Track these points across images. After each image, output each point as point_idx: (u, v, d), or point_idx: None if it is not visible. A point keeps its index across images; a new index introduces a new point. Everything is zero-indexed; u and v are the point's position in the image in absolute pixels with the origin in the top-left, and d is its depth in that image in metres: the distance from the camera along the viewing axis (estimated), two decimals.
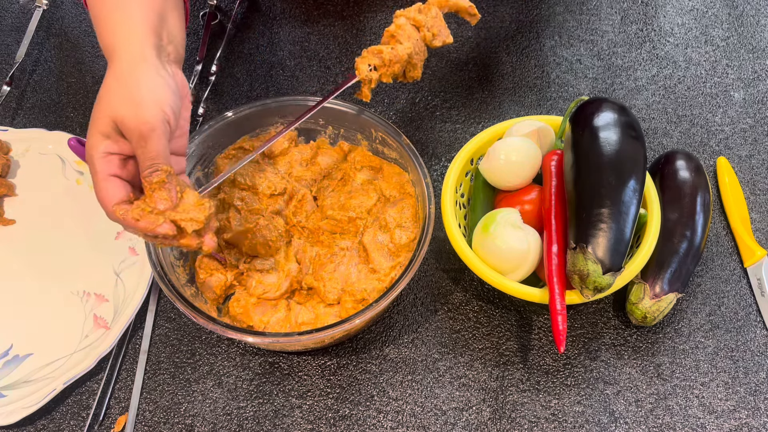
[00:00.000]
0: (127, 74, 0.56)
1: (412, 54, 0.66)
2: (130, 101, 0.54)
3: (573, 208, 0.63)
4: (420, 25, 0.67)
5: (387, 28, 0.67)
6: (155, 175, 0.54)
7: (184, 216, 0.56)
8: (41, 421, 0.67)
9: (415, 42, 0.67)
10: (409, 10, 0.67)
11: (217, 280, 0.69)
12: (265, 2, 0.94)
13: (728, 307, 0.70)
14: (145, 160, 0.54)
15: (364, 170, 0.75)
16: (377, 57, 0.66)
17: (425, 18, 0.67)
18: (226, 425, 0.66)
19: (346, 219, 0.72)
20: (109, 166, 0.55)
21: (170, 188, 0.55)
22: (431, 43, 0.68)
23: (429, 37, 0.67)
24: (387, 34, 0.67)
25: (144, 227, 0.55)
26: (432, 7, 0.68)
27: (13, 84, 0.88)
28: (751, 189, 0.77)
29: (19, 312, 0.72)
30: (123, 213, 0.55)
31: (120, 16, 0.58)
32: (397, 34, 0.66)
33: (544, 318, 0.70)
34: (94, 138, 0.55)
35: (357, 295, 0.67)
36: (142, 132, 0.54)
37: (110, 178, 0.55)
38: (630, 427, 0.64)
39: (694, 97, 0.84)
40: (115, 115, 0.54)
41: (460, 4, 0.69)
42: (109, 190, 0.55)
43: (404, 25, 0.66)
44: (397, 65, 0.66)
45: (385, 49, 0.66)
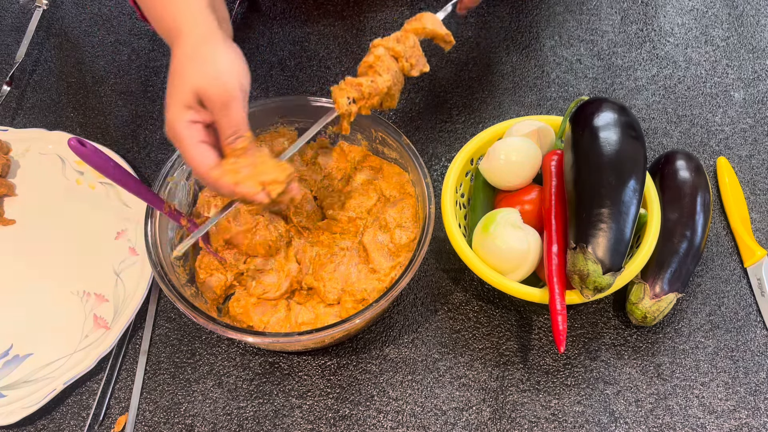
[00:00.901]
0: (201, 49, 0.58)
1: (391, 86, 0.64)
2: (210, 73, 0.56)
3: (573, 208, 0.63)
4: (399, 55, 0.64)
5: (365, 58, 0.64)
6: (238, 141, 0.57)
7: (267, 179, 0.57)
8: (41, 421, 0.67)
9: (394, 73, 0.64)
10: (387, 40, 0.65)
11: (217, 280, 0.69)
12: (265, 2, 0.94)
13: (728, 307, 0.70)
14: (228, 127, 0.57)
15: (364, 170, 0.75)
16: (356, 90, 0.63)
17: (404, 48, 0.65)
18: (226, 425, 0.66)
19: (346, 219, 0.72)
20: (196, 134, 0.57)
21: (252, 154, 0.58)
22: (409, 72, 0.66)
23: (407, 67, 0.65)
24: (365, 65, 0.64)
25: (244, 193, 0.57)
26: (410, 36, 0.65)
27: (13, 84, 0.88)
28: (751, 189, 0.77)
29: (19, 312, 0.72)
30: (218, 177, 0.57)
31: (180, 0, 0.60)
32: (375, 65, 0.64)
33: (544, 318, 0.70)
34: (176, 109, 0.57)
35: (357, 295, 0.67)
36: (224, 101, 0.56)
37: (200, 144, 0.57)
38: (630, 427, 0.64)
39: (694, 97, 0.84)
40: (197, 87, 0.56)
41: (437, 31, 0.66)
42: (203, 155, 0.57)
43: (383, 56, 0.64)
44: (376, 98, 0.64)
45: (365, 82, 0.63)
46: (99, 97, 0.87)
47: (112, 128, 0.85)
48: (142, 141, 0.83)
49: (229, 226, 0.70)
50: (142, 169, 0.81)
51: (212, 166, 0.57)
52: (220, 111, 0.56)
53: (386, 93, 0.64)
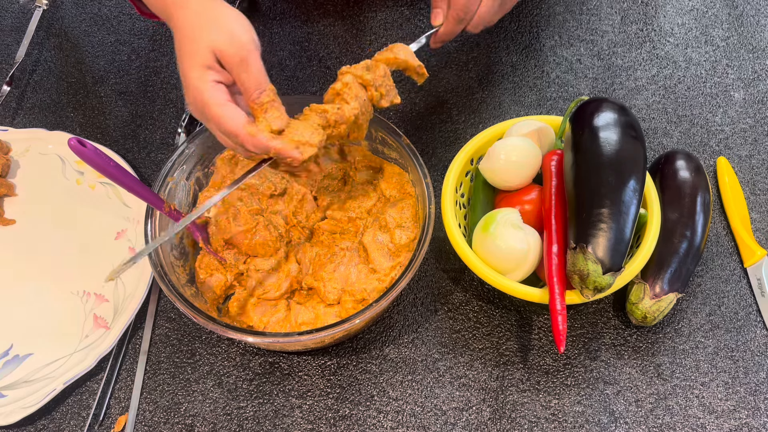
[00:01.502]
0: (208, 13, 0.58)
1: (359, 114, 0.62)
2: (224, 32, 0.57)
3: (573, 208, 0.63)
4: (368, 84, 0.62)
5: (332, 85, 0.62)
6: (264, 94, 0.57)
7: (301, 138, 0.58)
8: (41, 421, 0.67)
9: (362, 102, 0.62)
10: (356, 68, 0.63)
11: (217, 280, 0.69)
12: (265, 2, 0.94)
13: (728, 307, 0.70)
14: (251, 82, 0.57)
15: (364, 170, 0.75)
16: (321, 117, 0.61)
17: (373, 76, 0.63)
18: (226, 425, 0.66)
19: (346, 219, 0.72)
20: (222, 94, 0.57)
21: (279, 106, 0.58)
22: (379, 103, 0.64)
23: (377, 96, 0.63)
24: (332, 92, 0.62)
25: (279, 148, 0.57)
26: (380, 65, 0.63)
27: (13, 84, 0.88)
28: (751, 189, 0.77)
29: (19, 312, 0.72)
30: (254, 133, 0.56)
31: None
32: (343, 92, 0.61)
33: (544, 318, 0.70)
34: (197, 71, 0.57)
35: (357, 295, 0.67)
36: (243, 56, 0.56)
37: (229, 104, 0.57)
38: (630, 427, 0.64)
39: (694, 97, 0.84)
40: (213, 46, 0.56)
41: (409, 62, 0.65)
42: (235, 112, 0.57)
43: (351, 83, 0.62)
44: (342, 126, 0.61)
45: (331, 109, 0.60)
46: (99, 97, 0.87)
47: (112, 128, 0.85)
48: (142, 141, 0.83)
49: (229, 226, 0.70)
50: (142, 169, 0.81)
51: (245, 123, 0.57)
52: (240, 67, 0.57)
53: (354, 122, 0.62)
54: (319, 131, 0.59)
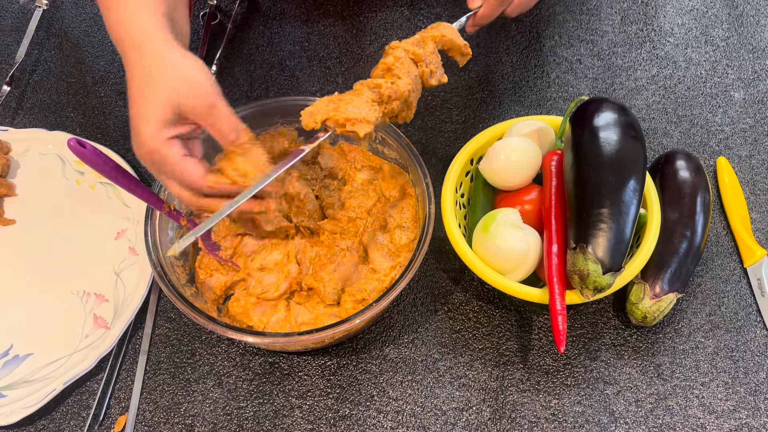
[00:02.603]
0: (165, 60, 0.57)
1: (411, 91, 0.59)
2: (185, 81, 0.56)
3: (573, 208, 0.63)
4: (419, 59, 0.60)
5: (382, 59, 0.60)
6: (243, 133, 0.57)
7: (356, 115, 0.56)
8: (41, 421, 0.67)
9: (414, 78, 0.59)
10: (406, 42, 0.60)
11: (217, 280, 0.69)
12: (265, 2, 0.94)
13: (728, 307, 0.70)
14: (224, 127, 0.57)
15: (364, 170, 0.75)
16: (374, 92, 0.58)
17: (424, 52, 0.61)
18: (226, 425, 0.66)
19: (346, 219, 0.72)
20: (179, 149, 0.57)
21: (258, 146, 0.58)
22: (428, 81, 0.62)
23: (427, 74, 0.61)
24: (383, 67, 0.59)
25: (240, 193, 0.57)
26: (429, 42, 0.62)
27: (13, 84, 0.88)
28: (751, 189, 0.77)
29: (19, 312, 0.72)
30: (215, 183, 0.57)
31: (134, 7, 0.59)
32: (395, 67, 0.59)
33: (544, 318, 0.70)
34: (152, 127, 0.56)
35: (357, 295, 0.67)
36: (210, 103, 0.56)
37: (186, 158, 0.57)
38: (630, 427, 0.64)
39: (694, 97, 0.84)
40: (175, 100, 0.55)
41: (456, 41, 0.63)
42: (192, 168, 0.57)
43: (403, 58, 0.59)
44: (396, 103, 0.58)
45: (384, 84, 0.58)
46: (99, 97, 0.87)
47: (112, 128, 0.85)
48: None
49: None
50: (142, 169, 0.81)
51: (205, 174, 0.57)
52: (208, 115, 0.56)
53: (405, 99, 0.60)
54: (375, 107, 0.57)
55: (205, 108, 0.56)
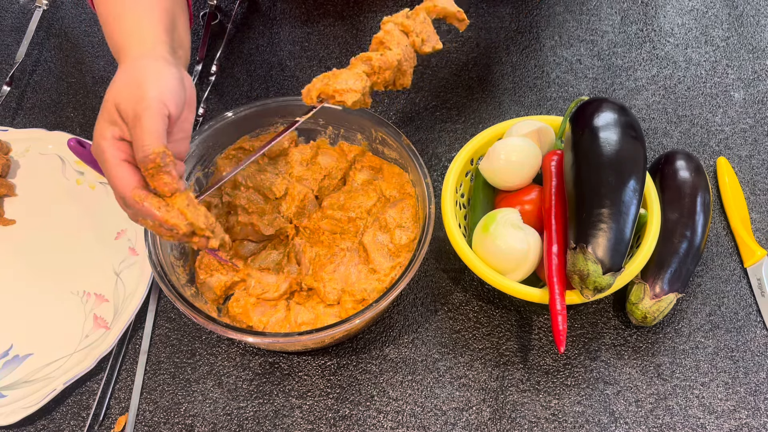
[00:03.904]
0: (134, 66, 0.56)
1: (402, 60, 0.64)
2: (131, 84, 0.54)
3: (573, 208, 0.63)
4: (408, 30, 0.65)
5: (375, 34, 0.65)
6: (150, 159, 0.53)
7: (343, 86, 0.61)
8: (41, 421, 0.67)
9: (404, 48, 0.64)
10: (396, 16, 0.65)
11: (217, 281, 0.69)
12: (265, 2, 0.94)
13: (728, 307, 0.70)
14: (138, 141, 0.52)
15: (364, 170, 0.75)
16: (366, 64, 0.63)
17: (413, 23, 0.65)
18: (226, 425, 0.66)
19: (346, 219, 0.72)
20: (119, 152, 0.54)
21: (170, 171, 0.54)
22: (420, 49, 0.66)
23: (418, 42, 0.65)
24: (375, 41, 0.65)
25: (162, 217, 0.54)
26: (420, 12, 0.66)
27: (13, 84, 0.87)
28: (751, 189, 0.77)
29: (19, 312, 0.72)
30: (141, 198, 0.54)
31: (132, 18, 0.58)
32: (385, 40, 0.64)
33: (544, 318, 0.70)
34: (100, 126, 0.55)
35: (357, 295, 0.67)
36: (137, 111, 0.52)
37: (123, 164, 0.55)
38: (630, 427, 0.64)
39: (694, 97, 0.84)
40: (116, 99, 0.54)
41: (448, 9, 0.67)
42: (124, 175, 0.54)
43: (392, 30, 0.64)
44: (387, 72, 0.63)
45: (374, 56, 0.63)
46: (99, 97, 0.87)
47: None
48: None
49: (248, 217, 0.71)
50: None
51: (135, 187, 0.54)
52: (132, 122, 0.53)
53: (398, 68, 0.64)
54: (362, 77, 0.62)
55: (132, 114, 0.53)
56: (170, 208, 0.56)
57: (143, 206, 0.54)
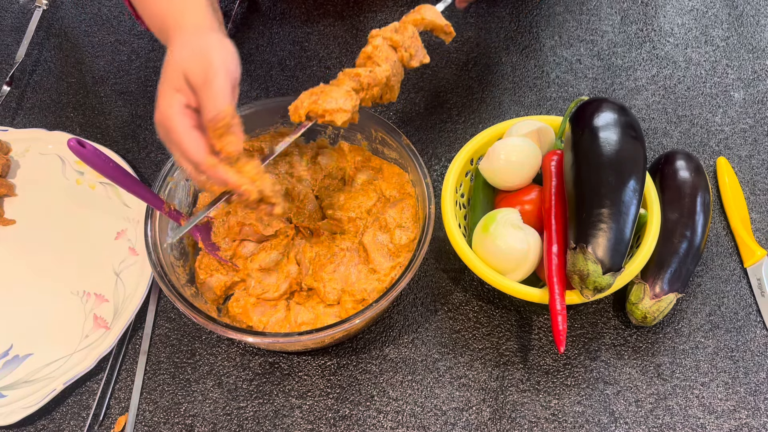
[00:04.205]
0: (196, 37, 0.58)
1: (390, 76, 0.63)
2: (197, 53, 0.56)
3: (573, 208, 0.63)
4: (397, 45, 0.64)
5: (363, 48, 0.64)
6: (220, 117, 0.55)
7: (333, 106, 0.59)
8: (41, 421, 0.67)
9: (392, 63, 0.63)
10: (385, 30, 0.64)
11: (217, 281, 0.69)
12: (265, 2, 0.94)
13: (728, 307, 0.70)
14: (209, 102, 0.55)
15: (364, 170, 0.75)
16: (355, 80, 0.62)
17: (402, 38, 0.64)
18: (226, 425, 0.66)
19: (346, 219, 0.72)
20: (188, 119, 0.56)
21: (237, 132, 0.56)
22: (408, 63, 0.65)
23: (406, 57, 0.64)
24: (363, 55, 0.64)
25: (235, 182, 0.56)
26: (408, 26, 0.65)
27: (13, 84, 0.88)
28: (751, 189, 0.77)
29: (19, 312, 0.72)
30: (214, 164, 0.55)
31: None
32: (374, 55, 0.63)
33: (544, 318, 0.70)
34: (167, 94, 0.56)
35: (357, 295, 0.67)
36: (207, 76, 0.55)
37: (193, 130, 0.56)
38: (630, 427, 0.64)
39: (694, 97, 0.84)
40: (184, 67, 0.56)
41: (436, 22, 0.66)
42: (196, 140, 0.55)
43: (381, 45, 0.63)
44: (375, 88, 0.63)
45: (363, 72, 0.62)
46: (99, 97, 0.87)
47: (112, 128, 0.85)
48: (142, 141, 0.83)
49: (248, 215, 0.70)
50: (142, 169, 0.81)
51: (207, 153, 0.55)
52: (202, 87, 0.55)
53: (386, 84, 0.64)
54: (351, 96, 0.61)
55: (201, 79, 0.55)
56: (241, 175, 0.56)
57: (216, 171, 0.55)
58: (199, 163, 0.56)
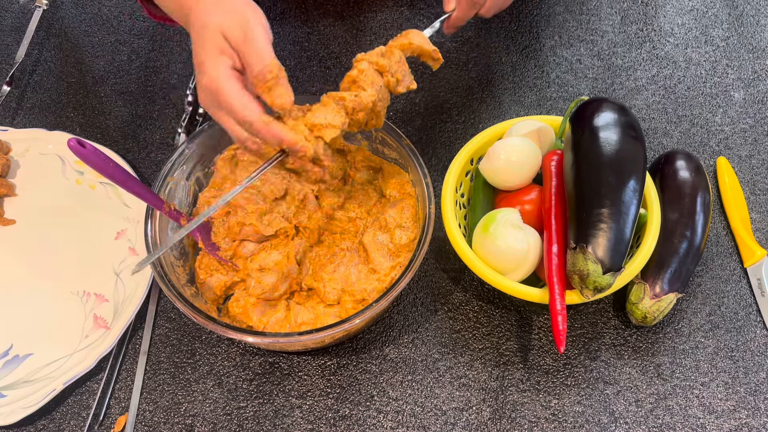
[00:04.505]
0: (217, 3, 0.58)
1: (376, 101, 0.61)
2: (231, 13, 0.57)
3: (573, 208, 0.63)
4: (384, 70, 0.62)
5: (348, 72, 0.61)
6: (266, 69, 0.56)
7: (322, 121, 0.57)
8: (41, 421, 0.67)
9: (378, 88, 0.61)
10: (371, 54, 0.62)
11: (217, 281, 0.69)
12: (265, 2, 0.94)
13: (728, 307, 0.70)
14: (254, 57, 0.56)
15: (364, 170, 0.75)
16: (339, 104, 0.60)
17: (389, 62, 0.62)
18: (226, 425, 0.66)
19: (347, 219, 0.72)
20: (237, 82, 0.57)
21: (285, 83, 0.56)
22: (395, 89, 0.63)
23: (393, 82, 0.62)
24: (348, 80, 0.61)
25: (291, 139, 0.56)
26: (395, 51, 0.63)
27: (13, 84, 0.88)
28: (751, 189, 0.77)
29: (19, 312, 0.72)
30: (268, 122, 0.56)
31: None
32: (359, 79, 0.61)
33: (544, 318, 0.70)
34: (212, 57, 0.56)
35: (357, 295, 0.67)
36: (246, 33, 0.56)
37: (244, 92, 0.56)
38: (630, 427, 0.64)
39: (694, 97, 0.84)
40: (221, 27, 0.56)
41: (423, 47, 0.64)
42: (248, 101, 0.56)
43: (367, 70, 0.61)
44: (360, 113, 0.60)
45: (348, 96, 0.60)
46: (99, 97, 0.87)
47: (112, 128, 0.85)
48: (142, 141, 0.83)
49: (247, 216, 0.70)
50: (142, 169, 0.81)
51: (261, 112, 0.56)
52: (244, 44, 0.56)
53: (371, 109, 0.62)
54: (341, 113, 0.59)
55: (242, 36, 0.56)
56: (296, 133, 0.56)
57: (271, 128, 0.56)
58: (253, 122, 0.56)
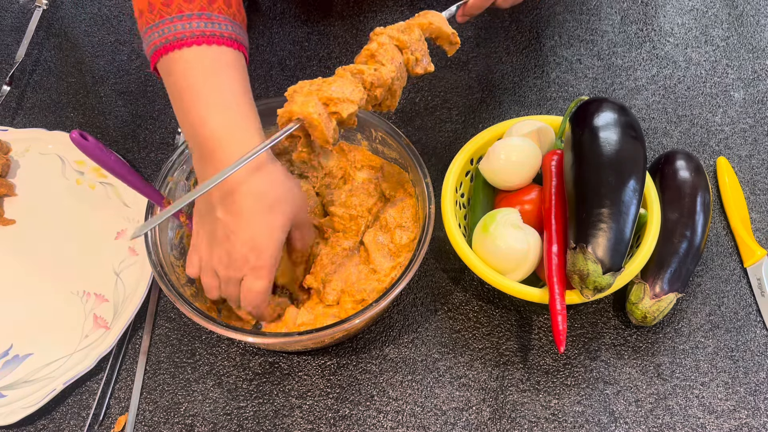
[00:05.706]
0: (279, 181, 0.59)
1: (395, 78, 0.57)
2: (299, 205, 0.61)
3: (573, 208, 0.63)
4: (404, 46, 0.58)
5: (366, 46, 0.58)
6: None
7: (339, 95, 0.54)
8: (41, 421, 0.67)
9: (398, 65, 0.57)
10: (391, 28, 0.58)
11: None
12: (265, 2, 0.94)
13: (728, 307, 0.70)
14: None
15: (364, 170, 0.75)
16: (357, 78, 0.56)
17: (409, 39, 0.58)
18: (226, 425, 0.66)
19: (348, 216, 0.72)
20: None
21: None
22: (413, 69, 0.60)
23: (412, 61, 0.59)
24: (366, 53, 0.57)
25: None
26: (415, 29, 0.60)
27: (13, 84, 0.88)
28: (751, 189, 0.77)
29: (19, 312, 0.72)
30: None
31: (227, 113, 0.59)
32: (378, 54, 0.57)
33: (544, 318, 0.70)
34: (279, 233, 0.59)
35: (357, 295, 0.67)
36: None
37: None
38: (630, 427, 0.64)
39: (694, 97, 0.84)
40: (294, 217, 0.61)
41: (443, 29, 0.61)
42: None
43: (387, 44, 0.57)
44: (379, 90, 0.56)
45: (367, 70, 0.55)
46: (99, 97, 0.87)
47: (112, 128, 0.85)
48: (142, 141, 0.83)
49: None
50: (142, 169, 0.81)
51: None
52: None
53: (389, 87, 0.58)
54: (359, 87, 0.55)
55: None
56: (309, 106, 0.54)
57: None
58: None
